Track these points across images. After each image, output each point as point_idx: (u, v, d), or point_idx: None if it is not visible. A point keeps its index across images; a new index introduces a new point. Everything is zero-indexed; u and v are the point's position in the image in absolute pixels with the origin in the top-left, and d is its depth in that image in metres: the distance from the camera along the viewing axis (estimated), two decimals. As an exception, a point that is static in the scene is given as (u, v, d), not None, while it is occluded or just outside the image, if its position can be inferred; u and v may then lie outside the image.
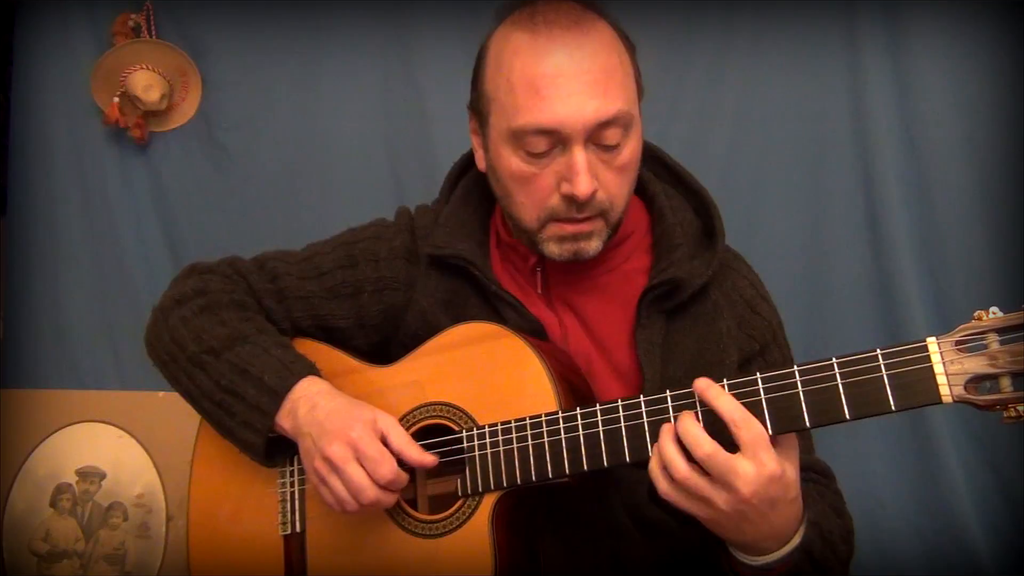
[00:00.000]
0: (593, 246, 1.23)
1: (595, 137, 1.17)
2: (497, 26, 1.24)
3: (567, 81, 1.15)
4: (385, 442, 1.18)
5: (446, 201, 1.39)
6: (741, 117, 2.06)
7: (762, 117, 2.05)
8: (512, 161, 1.20)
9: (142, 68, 2.16)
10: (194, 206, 2.22)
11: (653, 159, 1.37)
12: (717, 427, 1.02)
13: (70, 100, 2.21)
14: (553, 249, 1.23)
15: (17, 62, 2.24)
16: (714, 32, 2.06)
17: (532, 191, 1.21)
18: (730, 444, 1.01)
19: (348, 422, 1.19)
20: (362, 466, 1.16)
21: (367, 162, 2.18)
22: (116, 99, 2.17)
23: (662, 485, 1.04)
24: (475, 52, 1.28)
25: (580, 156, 1.16)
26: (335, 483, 1.17)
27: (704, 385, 1.04)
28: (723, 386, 1.04)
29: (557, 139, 1.17)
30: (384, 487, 1.16)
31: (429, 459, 1.18)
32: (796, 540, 1.06)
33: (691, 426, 1.02)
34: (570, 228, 1.21)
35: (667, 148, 1.40)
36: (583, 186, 1.16)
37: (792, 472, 1.03)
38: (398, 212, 1.44)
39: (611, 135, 1.17)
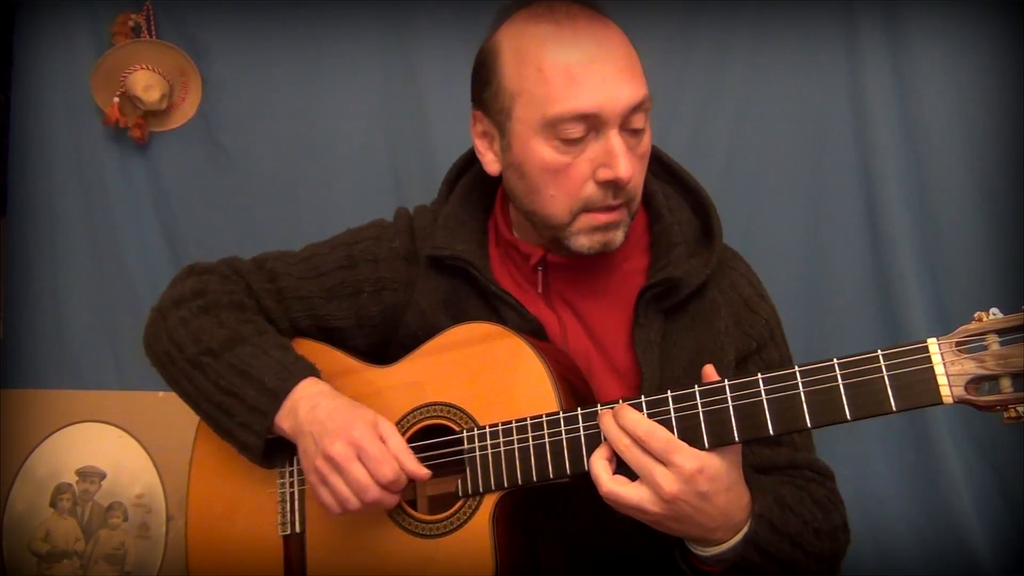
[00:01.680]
0: (619, 237, 1.24)
1: (625, 122, 1.18)
2: (500, 25, 1.24)
3: (601, 67, 1.17)
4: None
5: (445, 201, 1.39)
6: (741, 117, 2.06)
7: (762, 117, 2.05)
8: (544, 152, 1.20)
9: (142, 68, 2.16)
10: (194, 206, 2.22)
11: (651, 158, 1.37)
12: (687, 435, 1.06)
13: (70, 100, 2.21)
14: (583, 242, 1.23)
15: (17, 62, 2.24)
16: (714, 32, 2.06)
17: (565, 181, 1.20)
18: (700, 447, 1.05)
19: (350, 422, 1.19)
20: (364, 465, 1.16)
21: (367, 162, 2.18)
22: (116, 99, 2.17)
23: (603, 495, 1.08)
24: (475, 52, 1.28)
25: (617, 140, 1.18)
26: (336, 482, 1.17)
27: (610, 412, 1.09)
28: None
29: (593, 124, 1.18)
30: (385, 487, 1.17)
31: (422, 472, 1.18)
32: (741, 533, 1.09)
33: (598, 458, 1.08)
34: (603, 217, 1.22)
35: (667, 148, 1.40)
36: (625, 168, 1.17)
37: (718, 463, 1.05)
38: (397, 213, 1.44)
39: (638, 120, 1.19)
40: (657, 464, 1.05)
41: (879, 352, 0.99)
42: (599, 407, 1.12)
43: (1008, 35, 1.93)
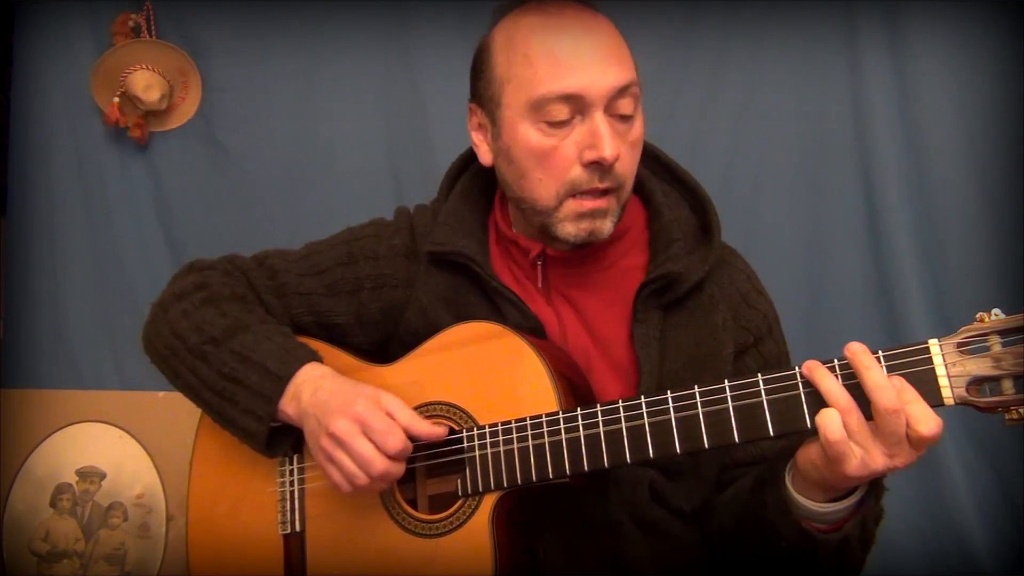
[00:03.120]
0: (607, 226, 1.24)
1: (611, 107, 1.20)
2: (496, 23, 1.27)
3: (586, 51, 1.20)
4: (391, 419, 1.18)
5: (445, 199, 1.40)
6: (741, 117, 2.06)
7: (762, 117, 2.05)
8: (531, 135, 1.21)
9: (142, 68, 2.16)
10: (194, 206, 2.22)
11: (650, 157, 1.38)
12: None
13: (70, 100, 2.21)
14: (569, 229, 1.24)
15: (17, 62, 2.24)
16: (714, 32, 2.06)
17: (552, 165, 1.22)
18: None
19: (352, 398, 1.19)
20: (370, 440, 1.16)
21: (367, 162, 2.18)
22: (116, 99, 2.17)
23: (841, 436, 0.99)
24: (474, 52, 1.30)
25: (602, 121, 1.19)
26: (342, 458, 1.17)
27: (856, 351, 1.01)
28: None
29: (578, 106, 1.19)
30: (392, 458, 1.16)
31: (439, 430, 1.19)
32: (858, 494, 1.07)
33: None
34: (589, 204, 1.22)
35: (667, 148, 1.40)
36: (610, 148, 1.18)
37: None
38: (397, 211, 1.44)
39: (625, 104, 1.21)
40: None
41: (880, 353, 0.99)
42: (599, 407, 1.12)
43: (1008, 35, 1.93)
